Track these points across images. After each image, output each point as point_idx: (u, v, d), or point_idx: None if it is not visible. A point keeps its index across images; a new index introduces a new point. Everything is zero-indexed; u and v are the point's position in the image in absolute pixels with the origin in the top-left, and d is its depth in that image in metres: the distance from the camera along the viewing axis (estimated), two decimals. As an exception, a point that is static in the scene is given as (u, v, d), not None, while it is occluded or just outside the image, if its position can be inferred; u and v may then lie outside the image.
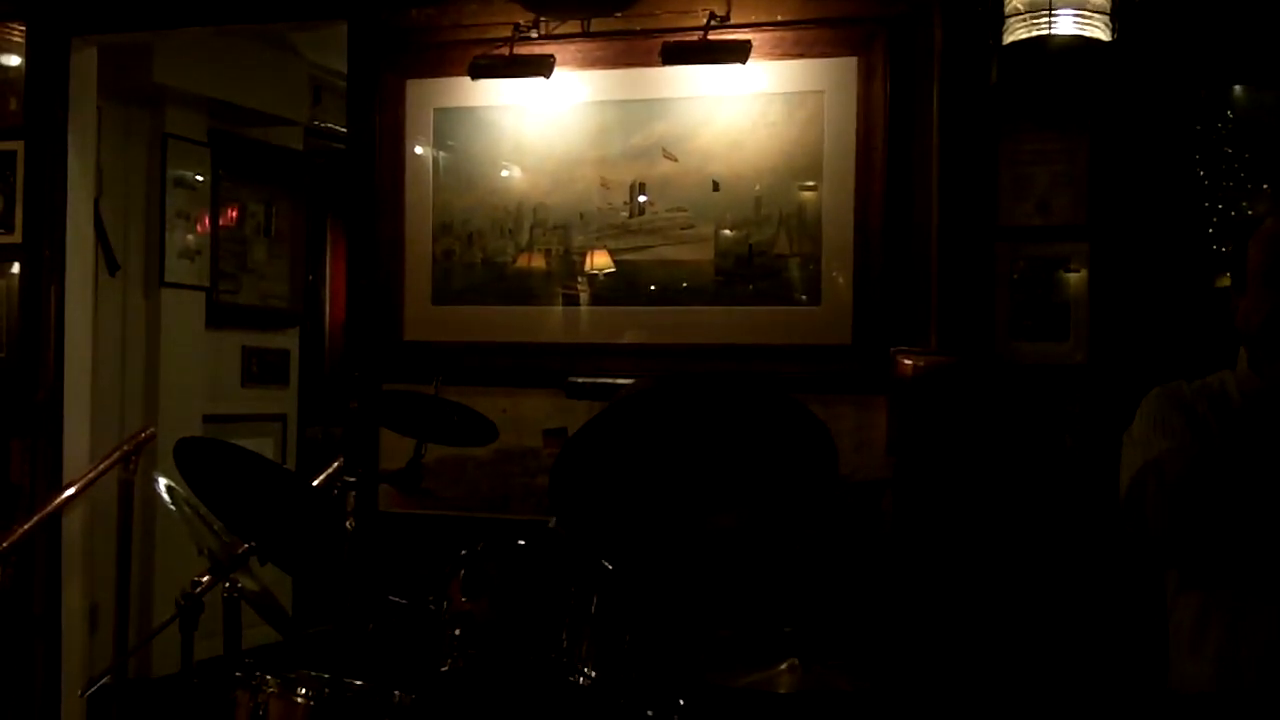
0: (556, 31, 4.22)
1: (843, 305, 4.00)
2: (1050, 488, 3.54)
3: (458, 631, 2.72)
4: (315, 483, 3.36)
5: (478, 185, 4.37)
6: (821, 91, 4.03)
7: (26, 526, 3.92)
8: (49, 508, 4.07)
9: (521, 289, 4.31)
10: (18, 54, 4.71)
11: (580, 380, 4.13)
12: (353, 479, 3.35)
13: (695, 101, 4.14)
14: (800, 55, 4.04)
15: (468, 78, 4.22)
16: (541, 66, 4.15)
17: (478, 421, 3.72)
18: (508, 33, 4.21)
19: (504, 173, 4.35)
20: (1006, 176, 3.74)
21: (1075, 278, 3.69)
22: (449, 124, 4.42)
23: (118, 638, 4.35)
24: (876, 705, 2.87)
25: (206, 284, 6.16)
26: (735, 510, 3.36)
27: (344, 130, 4.94)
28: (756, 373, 3.99)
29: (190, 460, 2.83)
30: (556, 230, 4.28)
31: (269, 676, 2.74)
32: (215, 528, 3.01)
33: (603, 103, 4.24)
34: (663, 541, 3.08)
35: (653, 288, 4.17)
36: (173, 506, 3.13)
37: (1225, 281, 2.79)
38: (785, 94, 4.06)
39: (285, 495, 2.84)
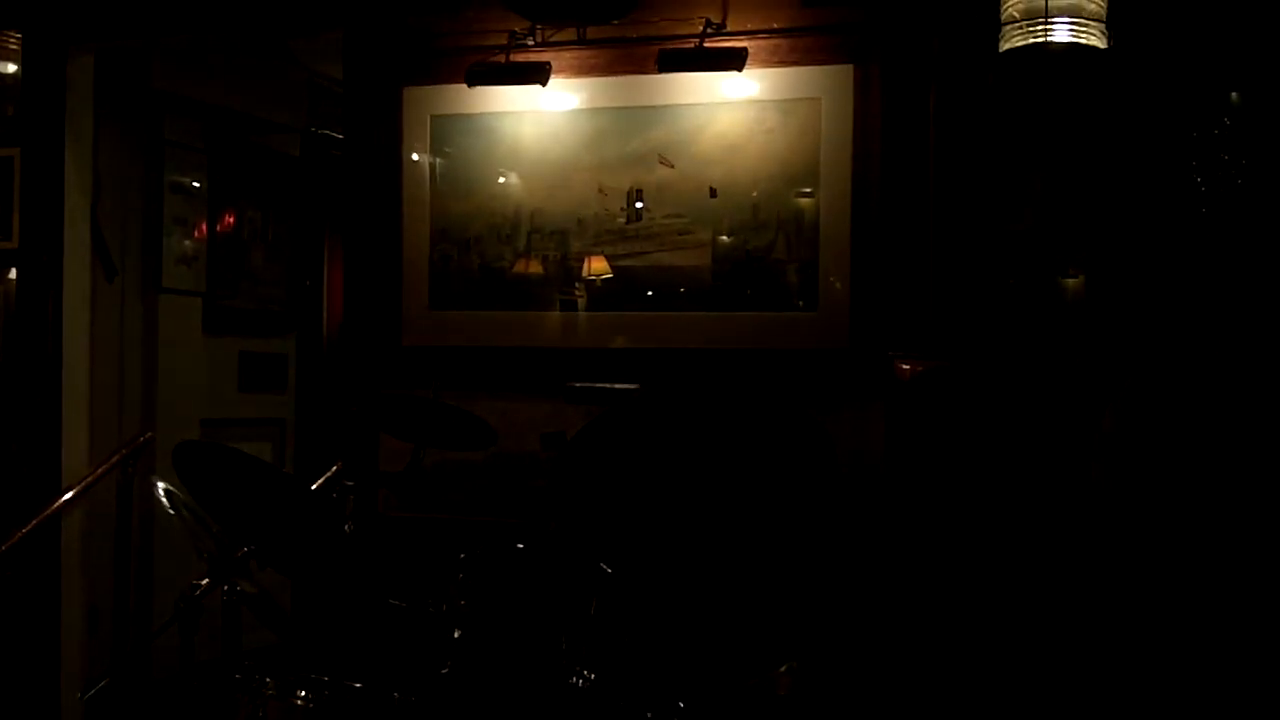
0: (553, 39, 4.25)
1: (840, 310, 4.01)
2: (1048, 491, 3.55)
3: (457, 634, 2.73)
4: (314, 486, 3.37)
5: (475, 191, 4.39)
6: (818, 99, 4.05)
7: (25, 530, 3.91)
8: (47, 511, 4.06)
9: (519, 294, 4.33)
10: (14, 62, 4.71)
11: (578, 385, 4.14)
12: (352, 483, 3.37)
13: (692, 109, 4.16)
14: (796, 63, 4.07)
15: (464, 85, 4.24)
16: (538, 74, 4.17)
17: (476, 426, 3.74)
18: (504, 40, 4.23)
19: (501, 179, 4.37)
20: (1004, 182, 3.76)
21: (1073, 283, 3.71)
22: (446, 131, 4.43)
23: (117, 640, 4.35)
24: (875, 707, 2.87)
25: (204, 289, 6.16)
26: (733, 513, 3.37)
27: (342, 137, 4.95)
28: (755, 377, 4.01)
29: (189, 464, 2.83)
30: (554, 236, 4.30)
31: (269, 679, 2.73)
32: (214, 531, 3.02)
33: (599, 109, 4.26)
34: (661, 544, 3.08)
35: (650, 293, 4.19)
36: (171, 510, 3.12)
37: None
38: (781, 101, 4.08)
39: (284, 499, 2.85)
